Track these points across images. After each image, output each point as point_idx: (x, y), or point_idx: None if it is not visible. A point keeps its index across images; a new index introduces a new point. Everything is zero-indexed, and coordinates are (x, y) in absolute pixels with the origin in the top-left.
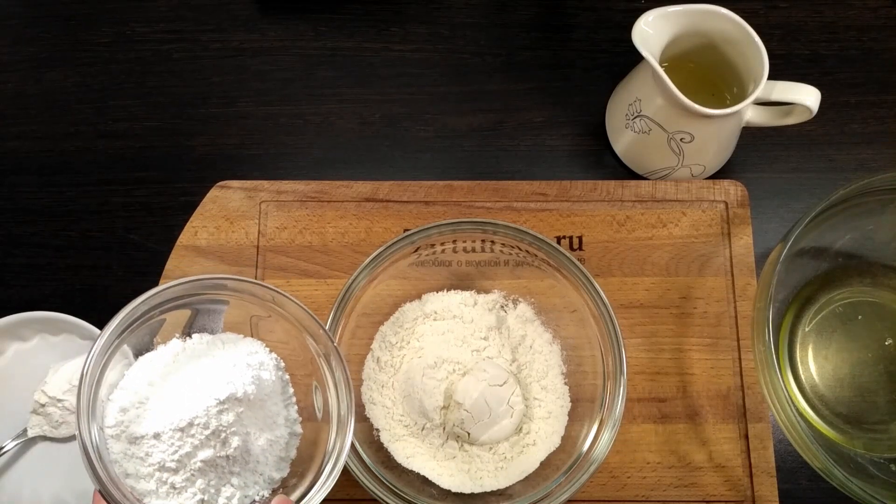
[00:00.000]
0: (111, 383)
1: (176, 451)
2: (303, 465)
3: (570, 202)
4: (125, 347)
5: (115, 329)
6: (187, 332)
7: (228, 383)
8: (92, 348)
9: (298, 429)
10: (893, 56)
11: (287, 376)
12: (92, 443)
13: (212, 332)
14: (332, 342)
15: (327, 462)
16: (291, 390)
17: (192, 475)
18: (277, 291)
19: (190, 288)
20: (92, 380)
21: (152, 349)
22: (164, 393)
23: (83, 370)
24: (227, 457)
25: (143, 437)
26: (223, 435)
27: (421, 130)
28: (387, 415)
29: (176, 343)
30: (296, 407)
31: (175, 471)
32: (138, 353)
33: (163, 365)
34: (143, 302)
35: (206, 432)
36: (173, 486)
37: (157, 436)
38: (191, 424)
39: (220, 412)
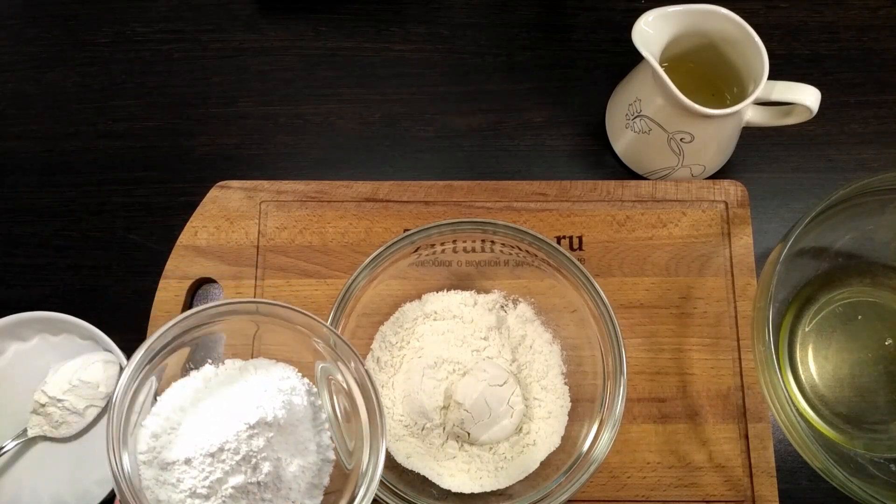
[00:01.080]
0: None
1: (207, 477)
2: (335, 487)
3: (570, 202)
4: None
5: (140, 360)
6: (213, 360)
7: (258, 407)
8: (119, 381)
9: (331, 455)
10: (893, 56)
11: (319, 402)
12: (124, 472)
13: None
14: (363, 366)
15: (361, 484)
16: (324, 416)
17: (224, 502)
18: (311, 317)
19: (223, 310)
20: (121, 411)
21: (185, 375)
22: (196, 418)
23: (112, 401)
24: (259, 483)
25: (174, 462)
26: (254, 460)
27: (421, 130)
28: (387, 415)
29: (208, 369)
30: (329, 433)
31: (206, 497)
32: (171, 378)
33: (194, 391)
34: (174, 326)
35: (237, 457)
36: None
37: (188, 461)
38: (221, 449)
39: (251, 437)
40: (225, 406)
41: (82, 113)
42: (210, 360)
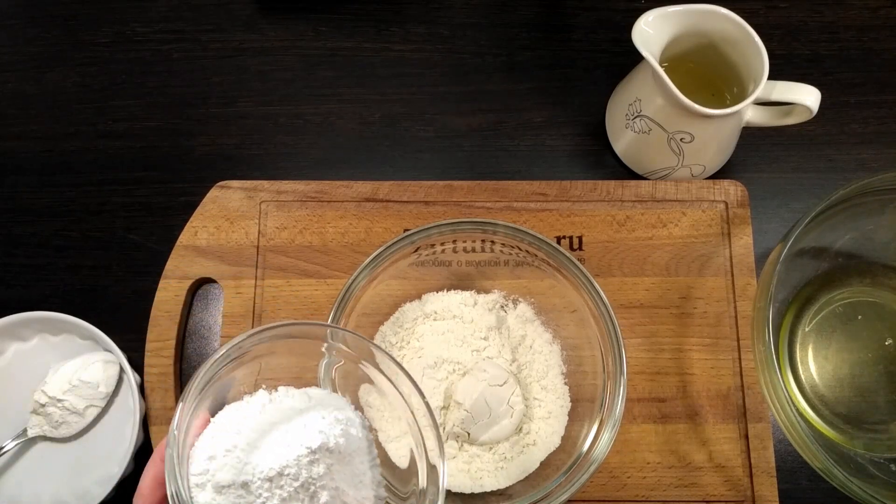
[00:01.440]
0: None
1: None
2: None
3: (570, 202)
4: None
5: (198, 383)
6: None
7: (320, 432)
8: (177, 406)
9: (382, 492)
10: (893, 56)
11: (371, 435)
12: (181, 498)
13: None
14: (423, 398)
15: None
16: (376, 451)
17: None
18: (379, 348)
19: (293, 330)
20: (180, 437)
21: (238, 399)
22: (253, 441)
23: (172, 426)
24: None
25: (229, 486)
26: (312, 488)
27: (421, 130)
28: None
29: (262, 394)
30: (380, 469)
31: None
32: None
33: (250, 414)
34: (233, 347)
35: (296, 484)
36: None
37: (244, 485)
38: (280, 474)
39: (311, 463)
40: (284, 430)
41: (82, 113)
42: (263, 386)
